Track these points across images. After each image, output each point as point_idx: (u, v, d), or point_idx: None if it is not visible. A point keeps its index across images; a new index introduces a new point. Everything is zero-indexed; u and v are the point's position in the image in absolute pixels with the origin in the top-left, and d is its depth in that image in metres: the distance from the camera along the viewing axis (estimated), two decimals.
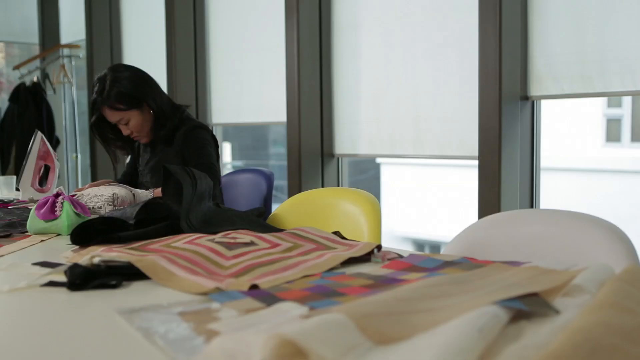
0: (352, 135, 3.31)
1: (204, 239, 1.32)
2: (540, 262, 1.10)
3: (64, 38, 5.55)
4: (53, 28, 5.53)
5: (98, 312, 0.97)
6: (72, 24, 5.51)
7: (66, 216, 1.63)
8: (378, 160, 9.06)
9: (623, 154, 10.86)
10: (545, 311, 0.85)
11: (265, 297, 0.99)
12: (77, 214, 1.66)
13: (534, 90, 2.62)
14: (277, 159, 10.75)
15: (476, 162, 2.60)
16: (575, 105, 9.54)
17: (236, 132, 8.91)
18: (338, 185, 3.47)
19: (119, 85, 2.17)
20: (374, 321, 0.79)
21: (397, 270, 1.15)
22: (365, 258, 1.27)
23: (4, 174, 4.87)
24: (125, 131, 2.24)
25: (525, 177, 2.65)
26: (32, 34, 5.62)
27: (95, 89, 2.20)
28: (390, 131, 3.13)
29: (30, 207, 2.30)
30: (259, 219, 1.68)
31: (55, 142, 5.09)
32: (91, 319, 0.94)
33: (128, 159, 2.59)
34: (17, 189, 2.82)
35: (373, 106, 3.21)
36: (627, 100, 10.70)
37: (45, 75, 5.10)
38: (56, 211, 1.64)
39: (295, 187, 3.31)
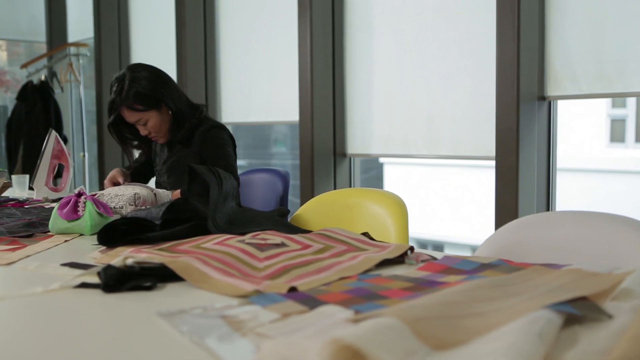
0: (364, 135, 3.30)
1: (234, 240, 1.30)
2: (581, 264, 1.08)
3: (71, 36, 5.53)
4: (60, 26, 5.51)
5: (137, 315, 0.95)
6: (79, 23, 5.49)
7: (89, 216, 1.61)
8: (381, 159, 9.06)
9: (627, 154, 10.85)
10: (597, 316, 0.84)
11: (306, 299, 0.98)
12: (99, 213, 1.64)
13: (551, 91, 2.60)
14: (279, 158, 10.73)
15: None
16: (580, 106, 9.52)
17: (238, 131, 8.91)
18: (350, 186, 3.45)
19: (137, 86, 2.15)
20: (427, 325, 0.77)
21: (434, 273, 1.14)
22: (399, 260, 1.25)
23: (11, 172, 4.85)
24: (144, 131, 2.22)
25: (542, 178, 2.63)
26: (39, 32, 5.60)
27: (114, 89, 2.18)
28: (403, 131, 3.12)
29: (46, 207, 2.28)
30: (282, 219, 1.66)
31: (63, 141, 5.06)
32: (131, 321, 0.93)
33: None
34: (31, 188, 2.80)
35: (386, 106, 3.19)
36: (631, 101, 10.68)
37: (52, 74, 5.08)
38: (79, 211, 1.62)
39: (308, 187, 3.29)
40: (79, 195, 1.66)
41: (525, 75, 2.51)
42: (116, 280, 1.06)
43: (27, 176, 2.81)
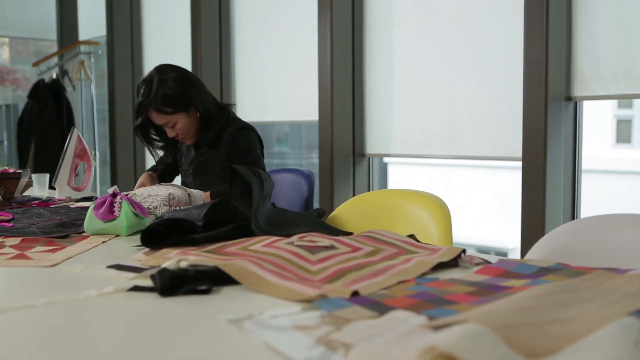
0: (383, 135, 3.27)
1: (282, 242, 1.28)
2: None
3: (82, 35, 5.50)
4: (71, 25, 5.48)
5: (198, 319, 0.93)
6: (90, 21, 5.46)
7: (125, 217, 1.59)
8: (385, 159, 9.03)
9: (634, 155, 10.83)
10: None
11: (373, 304, 0.95)
12: (135, 214, 1.62)
13: (578, 91, 2.58)
14: (280, 157, 10.70)
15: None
16: (585, 106, 9.50)
17: None
18: (369, 186, 3.43)
19: (165, 88, 2.12)
20: (517, 333, 0.75)
21: (493, 277, 1.11)
22: (452, 263, 1.23)
23: None
24: (171, 134, 2.19)
25: (567, 180, 2.61)
26: (50, 31, 5.57)
27: (141, 91, 2.15)
28: (423, 131, 3.09)
29: (71, 206, 2.26)
30: (321, 220, 1.64)
31: None
32: (193, 326, 0.90)
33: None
34: (51, 187, 2.78)
35: (406, 106, 3.17)
36: (637, 102, 10.65)
37: (64, 72, 5.05)
38: (114, 211, 1.60)
39: (327, 187, 3.27)
40: (114, 195, 1.64)
41: (553, 76, 2.48)
42: (171, 284, 1.04)
43: (47, 175, 2.78)
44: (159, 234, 1.41)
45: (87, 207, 2.19)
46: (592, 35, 2.50)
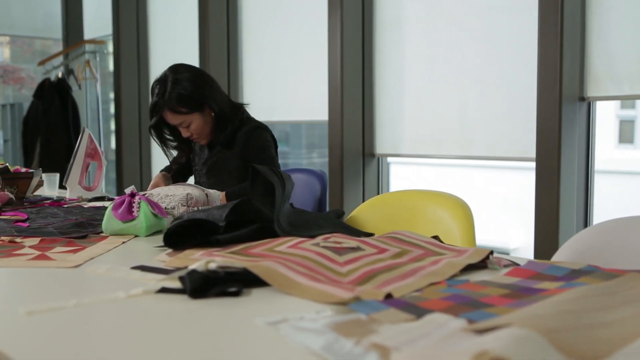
0: (393, 135, 3.26)
1: (308, 244, 1.27)
2: None
3: (87, 34, 5.48)
4: (76, 24, 5.46)
5: (234, 322, 0.92)
6: (95, 20, 5.44)
7: (144, 217, 1.57)
8: (389, 159, 9.04)
9: (636, 155, 10.82)
10: None
11: (408, 307, 0.94)
12: (154, 214, 1.60)
13: (591, 91, 2.56)
14: (281, 157, 10.69)
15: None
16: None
17: None
18: (378, 186, 3.42)
19: (180, 88, 2.10)
20: (565, 337, 0.74)
21: (524, 279, 1.10)
22: (479, 264, 1.21)
23: None
24: (186, 133, 2.18)
25: (581, 181, 2.60)
26: (54, 30, 5.55)
27: (156, 91, 2.13)
28: (434, 131, 3.08)
29: (84, 206, 2.24)
30: (342, 221, 1.63)
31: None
32: (231, 329, 0.89)
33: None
34: (61, 187, 2.77)
35: (416, 105, 3.16)
36: None
37: (69, 71, 5.03)
38: (133, 212, 1.58)
39: (337, 187, 3.25)
40: (132, 195, 1.63)
41: (567, 76, 2.47)
42: (201, 286, 1.03)
43: (58, 175, 2.77)
44: (180, 234, 1.40)
45: (100, 207, 2.18)
46: (606, 35, 2.49)
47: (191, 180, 2.45)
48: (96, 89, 5.07)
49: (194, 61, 4.24)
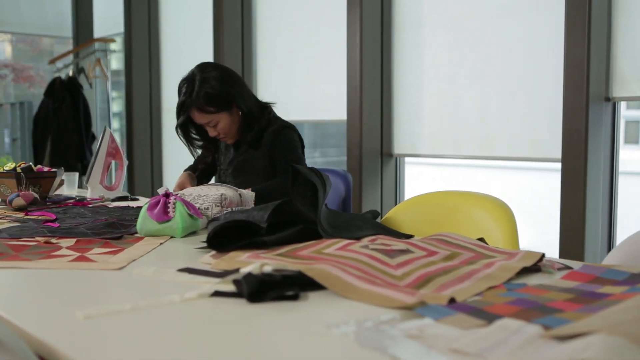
0: (412, 134, 3.24)
1: (356, 246, 1.24)
2: None
3: (97, 32, 5.46)
4: (87, 22, 5.43)
5: (300, 326, 0.89)
6: (106, 19, 5.42)
7: (180, 218, 1.55)
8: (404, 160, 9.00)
9: None
10: None
11: (476, 312, 0.92)
12: (190, 215, 1.58)
13: (617, 92, 2.54)
14: None
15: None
16: None
17: None
18: (396, 187, 3.39)
19: (207, 87, 2.08)
20: None
21: (583, 283, 1.08)
22: (532, 267, 1.19)
23: None
24: (213, 133, 2.15)
25: (606, 182, 2.58)
26: (65, 28, 5.53)
27: (183, 90, 2.11)
28: (454, 131, 3.06)
29: (109, 206, 2.22)
30: (379, 223, 1.61)
31: (91, 139, 5.00)
32: (298, 333, 0.87)
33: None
34: (79, 187, 2.74)
35: (435, 105, 3.13)
36: None
37: (80, 70, 5.01)
38: (169, 212, 1.56)
39: (356, 187, 3.23)
40: (167, 195, 1.60)
41: (594, 76, 2.45)
42: (258, 289, 1.01)
43: (77, 174, 2.74)
44: (221, 235, 1.38)
45: (125, 207, 2.16)
46: (633, 35, 2.46)
47: (212, 180, 2.43)
48: (107, 87, 5.05)
49: (207, 59, 4.21)
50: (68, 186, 2.73)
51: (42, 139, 4.88)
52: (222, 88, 2.08)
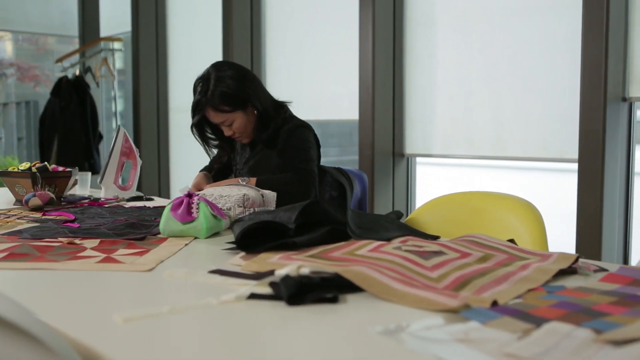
0: (424, 134, 3.22)
1: (389, 247, 1.23)
2: None
3: (103, 31, 5.44)
4: (93, 21, 5.42)
5: (346, 330, 0.88)
6: (111, 18, 5.40)
7: (204, 218, 1.54)
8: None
9: None
10: None
11: (522, 315, 0.91)
12: (214, 216, 1.57)
13: (634, 92, 2.53)
14: None
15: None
16: None
17: None
18: (407, 187, 3.38)
19: (223, 86, 2.06)
20: None
21: (623, 285, 1.07)
22: (567, 270, 1.18)
23: None
24: (228, 132, 2.13)
25: (622, 182, 2.57)
26: (71, 27, 5.51)
27: (198, 89, 2.09)
28: (467, 131, 3.05)
29: (125, 206, 2.21)
30: (405, 223, 1.59)
31: (98, 138, 4.98)
32: (345, 337, 0.85)
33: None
34: (91, 187, 2.73)
35: (448, 105, 3.12)
36: None
37: (87, 69, 4.99)
38: (193, 213, 1.55)
39: (368, 188, 3.21)
40: (189, 196, 1.59)
41: (612, 76, 2.43)
42: (297, 292, 0.99)
43: (89, 174, 2.73)
44: (248, 236, 1.36)
45: (142, 207, 2.14)
46: None
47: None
48: (114, 86, 5.03)
49: (216, 58, 4.20)
50: (81, 186, 2.71)
51: (48, 139, 4.87)
52: (237, 87, 2.07)
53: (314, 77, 3.75)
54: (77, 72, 4.96)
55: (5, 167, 5.98)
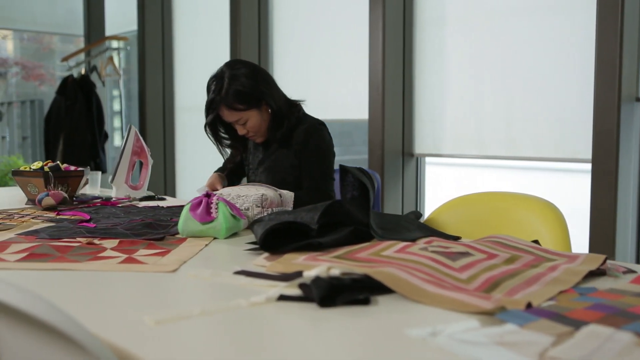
0: (434, 134, 3.21)
1: (415, 248, 1.22)
2: None
3: (108, 30, 5.43)
4: (99, 20, 5.40)
5: (381, 332, 0.87)
6: (116, 16, 5.39)
7: (224, 218, 1.53)
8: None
9: None
10: None
11: (559, 318, 0.90)
12: (233, 216, 1.55)
13: None
14: None
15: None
16: None
17: None
18: (416, 187, 3.37)
19: (237, 84, 2.05)
20: None
21: None
22: (595, 271, 1.17)
23: None
24: (242, 131, 2.12)
25: (635, 183, 2.56)
26: (76, 26, 5.49)
27: (212, 87, 2.07)
28: (477, 131, 3.03)
29: (138, 205, 2.20)
30: (425, 224, 1.58)
31: (104, 138, 4.97)
32: (383, 340, 0.84)
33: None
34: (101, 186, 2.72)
35: (459, 105, 3.11)
36: None
37: (93, 68, 4.98)
38: (212, 213, 1.53)
39: None
40: (207, 195, 1.58)
41: (626, 76, 2.42)
42: (328, 293, 0.98)
43: (100, 173, 2.72)
44: (272, 237, 1.35)
45: (155, 207, 2.13)
46: None
47: (243, 180, 2.40)
48: (119, 86, 5.02)
49: (222, 56, 4.19)
50: (91, 185, 2.70)
51: (54, 138, 4.85)
52: (251, 85, 2.06)
53: (322, 76, 3.74)
54: (83, 71, 4.95)
55: (10, 167, 5.96)
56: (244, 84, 2.06)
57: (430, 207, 3.42)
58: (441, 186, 3.50)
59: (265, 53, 4.07)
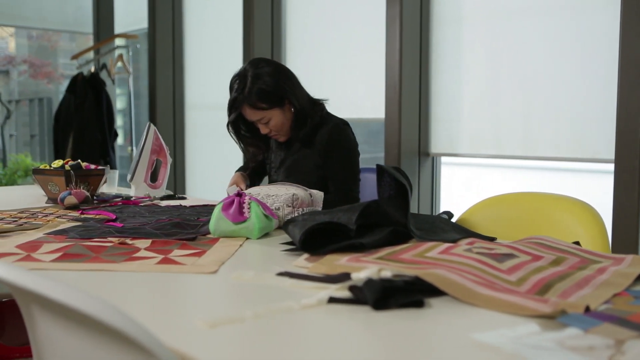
0: (450, 134, 3.19)
1: (459, 249, 1.20)
2: None
3: (117, 28, 5.41)
4: (108, 17, 5.38)
5: (435, 335, 0.85)
6: (126, 14, 5.37)
7: (257, 218, 1.51)
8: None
9: None
10: None
11: (622, 322, 0.88)
12: (265, 215, 1.54)
13: None
14: None
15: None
16: None
17: None
18: (432, 187, 3.35)
19: (260, 83, 2.03)
20: None
21: None
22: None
23: None
24: (264, 130, 2.11)
25: None
26: (85, 24, 5.47)
27: (235, 86, 2.06)
28: (495, 131, 3.02)
29: (161, 205, 2.18)
30: (459, 224, 1.56)
31: (114, 136, 4.95)
32: (446, 344, 0.82)
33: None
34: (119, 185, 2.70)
35: (475, 104, 3.09)
36: None
37: (103, 66, 4.96)
38: (244, 213, 1.52)
39: None
40: (239, 195, 1.56)
41: None
42: (382, 296, 0.96)
43: (117, 171, 2.70)
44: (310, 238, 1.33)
45: (177, 206, 2.12)
46: None
47: (265, 180, 2.38)
48: (129, 84, 5.00)
49: (234, 55, 4.17)
50: (108, 184, 2.68)
51: (63, 136, 4.83)
52: (275, 84, 2.04)
53: (337, 75, 3.72)
54: (93, 69, 4.93)
55: (18, 165, 5.96)
56: (267, 82, 2.05)
57: (445, 207, 3.40)
58: (457, 186, 3.48)
59: (278, 51, 4.06)
